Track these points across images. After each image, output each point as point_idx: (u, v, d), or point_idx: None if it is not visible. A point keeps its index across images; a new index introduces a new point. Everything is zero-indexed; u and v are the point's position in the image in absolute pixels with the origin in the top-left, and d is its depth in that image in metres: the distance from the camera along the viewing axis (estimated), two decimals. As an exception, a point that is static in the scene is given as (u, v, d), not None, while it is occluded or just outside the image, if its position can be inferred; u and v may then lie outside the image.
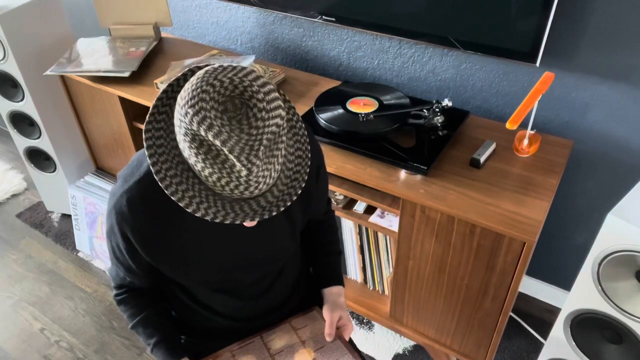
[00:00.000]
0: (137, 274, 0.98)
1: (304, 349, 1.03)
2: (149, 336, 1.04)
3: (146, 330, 1.04)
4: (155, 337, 1.03)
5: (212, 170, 0.71)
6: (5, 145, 2.91)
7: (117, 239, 0.92)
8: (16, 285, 2.11)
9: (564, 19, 1.36)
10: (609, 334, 1.13)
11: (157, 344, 1.03)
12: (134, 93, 1.77)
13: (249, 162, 0.69)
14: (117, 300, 1.06)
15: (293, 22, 1.91)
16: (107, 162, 2.21)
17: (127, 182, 0.88)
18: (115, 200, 0.88)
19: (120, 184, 0.89)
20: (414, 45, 1.67)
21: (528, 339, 1.80)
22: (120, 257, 0.96)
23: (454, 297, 1.45)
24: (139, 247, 0.90)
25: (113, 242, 0.94)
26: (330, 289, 1.13)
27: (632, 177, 1.49)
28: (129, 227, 0.88)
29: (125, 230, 0.89)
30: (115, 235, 0.92)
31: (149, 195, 0.86)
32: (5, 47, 1.86)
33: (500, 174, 1.35)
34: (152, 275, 1.00)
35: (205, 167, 0.71)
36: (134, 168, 0.90)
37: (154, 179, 0.83)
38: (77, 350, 1.86)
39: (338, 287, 1.14)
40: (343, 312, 1.09)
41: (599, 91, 1.42)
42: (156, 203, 0.87)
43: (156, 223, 0.89)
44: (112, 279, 1.06)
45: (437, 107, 1.45)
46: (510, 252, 1.24)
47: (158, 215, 0.88)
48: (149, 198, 0.87)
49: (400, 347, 1.80)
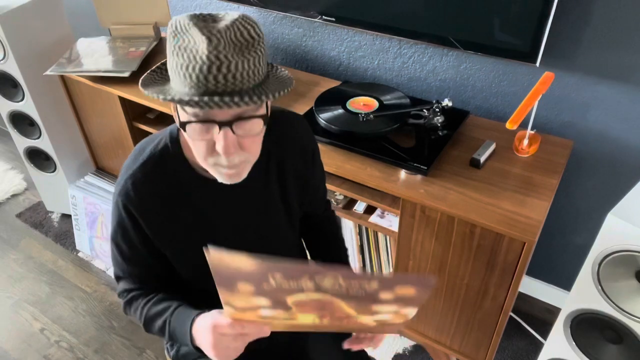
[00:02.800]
0: (145, 264, 0.97)
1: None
2: (165, 308, 0.94)
3: (161, 305, 0.96)
4: (174, 304, 0.95)
5: (181, 58, 0.73)
6: (5, 145, 2.91)
7: (124, 225, 0.92)
8: (16, 285, 2.11)
9: (564, 19, 1.36)
10: (609, 334, 1.13)
11: (177, 307, 0.94)
12: (134, 93, 1.77)
13: (210, 33, 0.72)
14: (126, 300, 1.01)
15: (293, 22, 1.91)
16: (107, 162, 2.21)
17: (130, 169, 0.90)
18: (120, 187, 0.90)
19: (124, 171, 0.91)
20: (414, 45, 1.67)
21: (528, 339, 1.80)
22: (129, 248, 0.95)
23: (454, 297, 1.45)
24: (145, 226, 0.91)
25: (120, 234, 0.94)
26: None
27: (632, 177, 1.49)
28: (134, 207, 0.89)
29: (132, 210, 0.89)
30: (122, 222, 0.91)
31: (153, 176, 0.89)
32: (5, 47, 1.86)
33: (500, 174, 1.35)
34: (159, 268, 0.99)
35: (176, 58, 0.74)
36: (137, 154, 0.92)
37: (157, 161, 0.89)
38: (77, 350, 1.86)
39: None
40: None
41: (599, 91, 1.42)
42: (160, 183, 0.89)
43: (161, 202, 0.90)
44: (118, 282, 1.03)
45: (437, 107, 1.45)
46: (510, 252, 1.24)
47: (162, 194, 0.90)
48: (153, 179, 0.89)
49: (400, 347, 1.80)
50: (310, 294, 0.71)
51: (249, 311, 0.76)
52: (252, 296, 0.72)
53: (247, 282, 0.69)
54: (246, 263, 0.65)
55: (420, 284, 0.70)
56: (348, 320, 0.80)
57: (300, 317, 0.79)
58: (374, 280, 0.69)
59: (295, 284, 0.68)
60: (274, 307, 0.75)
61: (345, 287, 0.69)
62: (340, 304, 0.74)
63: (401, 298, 0.72)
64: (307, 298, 0.72)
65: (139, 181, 0.89)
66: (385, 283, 0.70)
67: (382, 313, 0.77)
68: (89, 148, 2.21)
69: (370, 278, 0.69)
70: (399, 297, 0.72)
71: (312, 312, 0.77)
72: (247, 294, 0.71)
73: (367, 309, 0.76)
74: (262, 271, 0.67)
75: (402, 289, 0.71)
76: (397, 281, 0.71)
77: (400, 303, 0.74)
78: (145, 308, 0.97)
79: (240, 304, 0.74)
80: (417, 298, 0.72)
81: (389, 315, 0.78)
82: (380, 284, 0.69)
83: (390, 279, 0.72)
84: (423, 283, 0.70)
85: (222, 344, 0.82)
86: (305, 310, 0.76)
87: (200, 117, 0.77)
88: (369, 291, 0.70)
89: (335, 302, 0.73)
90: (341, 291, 0.70)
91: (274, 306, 0.74)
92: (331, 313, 0.77)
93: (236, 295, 0.71)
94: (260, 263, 0.65)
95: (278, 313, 0.76)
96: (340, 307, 0.75)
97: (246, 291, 0.70)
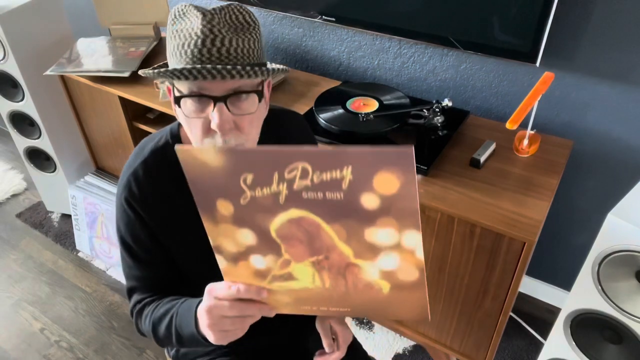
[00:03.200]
0: (156, 264, 0.95)
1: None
2: (173, 305, 0.88)
3: (169, 303, 0.90)
4: (183, 299, 0.88)
5: (178, 39, 0.75)
6: (5, 145, 2.91)
7: (131, 222, 0.90)
8: (16, 285, 2.11)
9: (564, 19, 1.36)
10: (609, 334, 1.13)
11: (185, 300, 0.87)
12: (134, 93, 1.77)
13: (205, 10, 0.75)
14: (138, 311, 0.95)
15: (293, 22, 1.91)
16: (107, 162, 2.21)
17: (132, 167, 0.90)
18: (123, 184, 0.90)
19: (126, 169, 0.91)
20: (414, 45, 1.67)
21: (528, 339, 1.80)
22: (138, 247, 0.93)
23: (454, 297, 1.45)
24: (148, 220, 0.90)
25: (129, 233, 0.92)
26: None
27: (632, 177, 1.49)
28: (138, 203, 0.89)
29: (136, 206, 0.89)
30: (129, 220, 0.90)
31: (155, 172, 0.89)
32: (5, 47, 1.86)
33: (500, 174, 1.35)
34: (169, 270, 0.97)
35: (174, 41, 0.76)
36: (138, 152, 0.92)
37: (158, 157, 0.90)
38: (77, 350, 1.86)
39: None
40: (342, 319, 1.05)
41: (599, 91, 1.42)
42: (162, 178, 0.89)
43: (162, 196, 0.90)
44: (130, 298, 0.98)
45: (437, 107, 1.45)
46: (510, 252, 1.24)
47: (164, 189, 0.90)
48: (154, 175, 0.89)
49: (400, 347, 1.80)
50: (291, 212, 0.65)
51: (242, 263, 0.72)
52: (235, 226, 0.68)
53: (224, 197, 0.65)
54: (213, 155, 0.62)
55: (397, 159, 0.57)
56: (353, 278, 0.70)
57: (297, 270, 0.71)
58: (345, 165, 0.59)
59: (268, 190, 0.64)
60: (263, 249, 0.70)
61: (318, 183, 0.61)
62: (327, 231, 0.66)
63: (388, 202, 0.61)
64: (288, 219, 0.66)
65: (140, 177, 0.89)
66: (358, 170, 0.59)
67: (382, 249, 0.66)
68: (89, 148, 2.21)
69: (339, 161, 0.59)
70: (385, 200, 0.61)
71: (304, 256, 0.70)
72: (229, 222, 0.67)
73: (361, 240, 0.66)
74: (231, 167, 0.63)
75: (381, 179, 0.60)
76: (370, 161, 0.59)
77: (390, 213, 0.63)
78: (154, 309, 0.93)
79: (229, 245, 0.70)
80: (404, 193, 0.60)
81: (393, 255, 0.67)
82: (354, 171, 0.59)
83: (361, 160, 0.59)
84: (399, 156, 0.57)
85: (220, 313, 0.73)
86: (293, 244, 0.69)
87: (194, 92, 0.76)
88: (346, 191, 0.61)
89: (321, 229, 0.66)
90: (316, 196, 0.63)
91: (262, 246, 0.69)
92: (327, 253, 0.68)
93: (220, 226, 0.68)
94: (227, 152, 0.62)
95: (271, 261, 0.71)
96: (330, 238, 0.67)
97: (227, 214, 0.67)
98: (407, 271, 0.68)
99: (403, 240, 0.65)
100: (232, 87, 0.76)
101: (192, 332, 0.80)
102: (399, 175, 0.58)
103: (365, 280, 0.70)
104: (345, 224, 0.65)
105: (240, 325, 0.74)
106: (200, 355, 1.11)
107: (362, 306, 0.75)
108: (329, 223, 0.65)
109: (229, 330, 0.74)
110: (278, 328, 1.13)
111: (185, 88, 0.76)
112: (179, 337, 0.85)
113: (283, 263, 0.71)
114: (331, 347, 1.00)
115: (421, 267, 0.67)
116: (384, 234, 0.65)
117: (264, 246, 0.69)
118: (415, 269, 0.67)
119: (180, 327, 0.84)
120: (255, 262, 0.71)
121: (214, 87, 0.75)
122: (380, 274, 0.69)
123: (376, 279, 0.69)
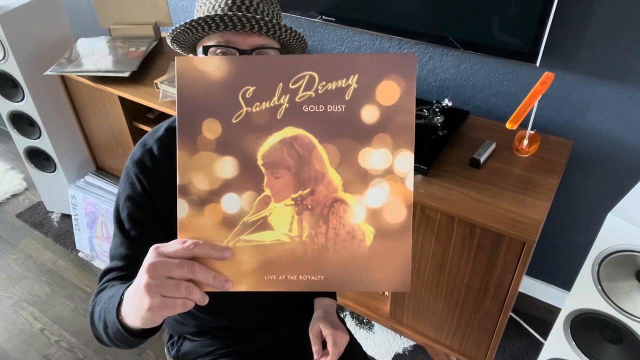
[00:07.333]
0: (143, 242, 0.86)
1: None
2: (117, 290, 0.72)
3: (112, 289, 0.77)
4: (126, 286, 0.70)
5: (208, 3, 0.81)
6: (5, 145, 2.91)
7: (133, 193, 0.88)
8: (16, 285, 2.11)
9: (564, 19, 1.36)
10: (609, 334, 1.13)
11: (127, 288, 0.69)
12: (134, 93, 1.77)
13: None
14: (97, 291, 0.84)
15: (293, 22, 1.91)
16: (107, 162, 2.21)
17: (146, 142, 0.90)
18: (137, 157, 0.89)
19: (140, 144, 0.91)
20: (414, 45, 1.67)
21: (528, 339, 1.80)
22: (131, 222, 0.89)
23: (454, 297, 1.45)
24: (154, 194, 0.88)
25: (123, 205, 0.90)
26: (323, 299, 1.12)
27: (632, 177, 1.49)
28: (147, 175, 0.88)
29: (144, 179, 0.88)
30: (133, 191, 0.88)
31: (168, 149, 0.89)
32: (5, 47, 1.86)
33: (500, 174, 1.35)
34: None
35: (203, 7, 0.81)
36: (154, 130, 0.93)
37: (170, 137, 0.90)
38: (77, 350, 1.86)
39: (330, 300, 1.13)
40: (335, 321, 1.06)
41: (599, 91, 1.42)
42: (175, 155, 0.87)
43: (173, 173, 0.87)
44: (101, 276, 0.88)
45: (437, 107, 1.45)
46: (510, 252, 1.24)
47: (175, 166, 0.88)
48: (168, 152, 0.89)
49: (400, 347, 1.80)
50: (286, 130, 0.63)
51: (210, 206, 0.64)
52: (216, 153, 0.63)
53: (215, 116, 0.62)
54: (216, 64, 0.61)
55: (402, 63, 0.61)
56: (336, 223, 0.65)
57: (274, 213, 0.65)
58: (351, 73, 0.62)
59: (267, 104, 0.62)
60: (241, 184, 0.64)
61: (322, 93, 0.62)
62: (319, 153, 0.64)
63: (387, 114, 0.63)
64: (280, 139, 0.63)
65: (155, 152, 0.89)
66: (364, 78, 0.62)
67: (373, 176, 0.64)
68: (89, 148, 2.21)
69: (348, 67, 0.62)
70: (384, 113, 0.62)
71: (288, 190, 0.64)
72: (210, 149, 0.63)
73: (353, 165, 0.63)
74: (232, 80, 0.62)
75: (383, 89, 0.62)
76: (376, 67, 0.62)
77: (386, 129, 0.63)
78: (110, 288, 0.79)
79: (201, 181, 0.64)
80: (403, 105, 0.62)
81: (383, 185, 0.64)
82: (360, 80, 0.62)
83: (369, 65, 0.62)
84: (404, 58, 0.61)
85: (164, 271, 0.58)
86: (279, 174, 0.64)
87: (221, 43, 0.80)
88: (348, 102, 0.62)
89: (314, 150, 0.63)
90: (317, 109, 0.63)
91: (241, 179, 0.64)
92: (313, 186, 0.64)
93: (198, 155, 0.63)
94: (233, 61, 0.62)
95: (246, 202, 0.64)
96: (321, 163, 0.64)
97: (211, 138, 0.63)
98: (395, 209, 0.64)
99: (395, 164, 0.64)
100: (257, 43, 0.80)
101: (113, 318, 0.67)
102: (400, 83, 0.62)
103: (348, 225, 0.64)
104: (341, 143, 0.64)
105: (185, 294, 0.57)
106: (200, 355, 1.11)
107: (338, 269, 0.65)
108: (323, 143, 0.64)
109: (169, 298, 0.57)
110: (278, 328, 1.13)
111: (213, 41, 0.80)
112: (105, 326, 0.71)
113: (260, 203, 0.64)
114: (318, 353, 0.99)
115: (409, 203, 0.64)
116: (378, 155, 0.63)
117: (244, 179, 0.64)
118: (404, 206, 0.64)
119: (107, 311, 0.70)
120: (227, 203, 0.64)
121: (241, 40, 0.79)
122: (366, 216, 0.64)
123: (361, 222, 0.64)
